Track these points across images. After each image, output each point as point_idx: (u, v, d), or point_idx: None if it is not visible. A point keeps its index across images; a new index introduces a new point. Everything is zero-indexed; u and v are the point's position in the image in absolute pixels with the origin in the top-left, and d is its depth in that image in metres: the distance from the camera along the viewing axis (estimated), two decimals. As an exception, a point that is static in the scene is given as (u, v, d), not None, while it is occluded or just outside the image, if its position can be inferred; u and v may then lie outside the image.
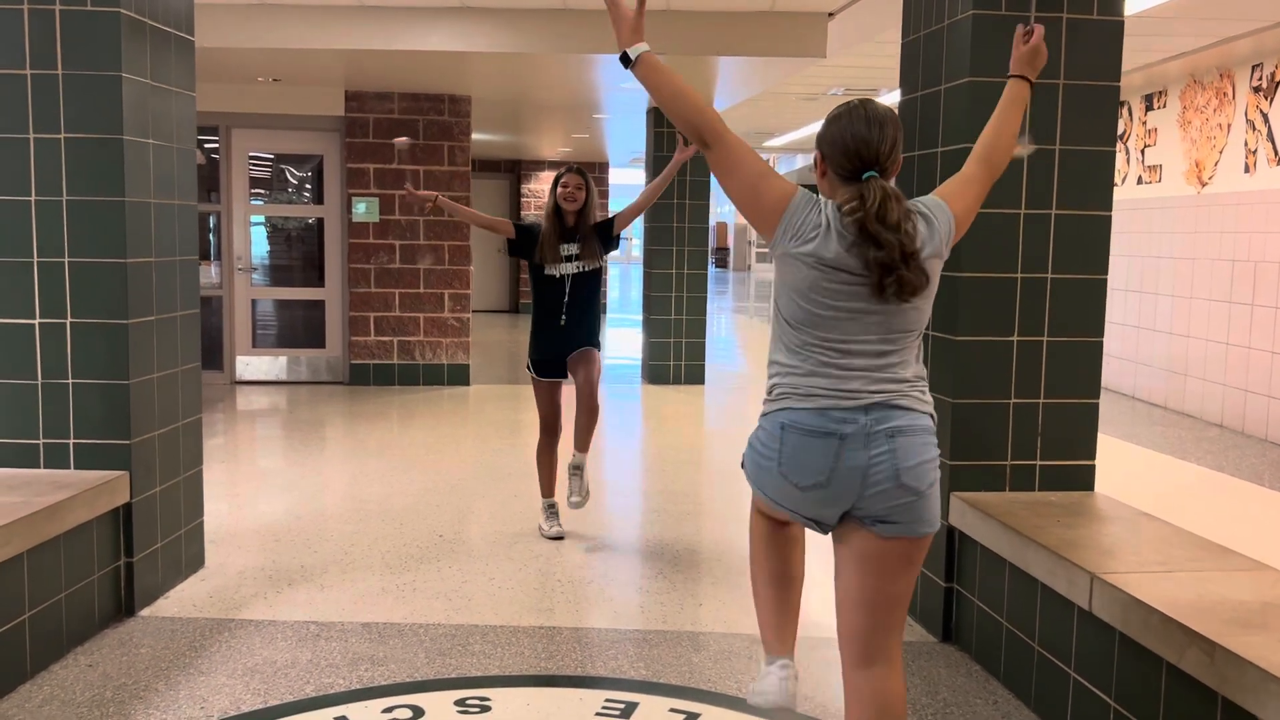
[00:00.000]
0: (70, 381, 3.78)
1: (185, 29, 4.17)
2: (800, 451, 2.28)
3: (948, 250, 2.38)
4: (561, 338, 4.87)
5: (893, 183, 2.31)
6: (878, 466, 2.25)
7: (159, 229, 3.96)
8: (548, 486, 5.06)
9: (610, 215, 5.04)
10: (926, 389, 2.38)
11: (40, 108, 3.68)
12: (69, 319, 3.76)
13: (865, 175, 2.27)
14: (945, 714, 3.20)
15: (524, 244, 4.86)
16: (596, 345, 4.95)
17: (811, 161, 2.45)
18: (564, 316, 4.83)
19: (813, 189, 2.45)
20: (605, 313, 17.29)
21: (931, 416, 2.36)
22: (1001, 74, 3.51)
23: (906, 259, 2.21)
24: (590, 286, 4.90)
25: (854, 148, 2.28)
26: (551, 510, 5.04)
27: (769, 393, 2.39)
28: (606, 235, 4.91)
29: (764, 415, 2.38)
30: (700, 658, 3.59)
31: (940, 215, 2.36)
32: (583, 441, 4.98)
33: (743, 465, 2.46)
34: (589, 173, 4.95)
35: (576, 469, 4.97)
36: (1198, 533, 3.27)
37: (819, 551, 2.69)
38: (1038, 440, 3.68)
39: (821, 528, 2.39)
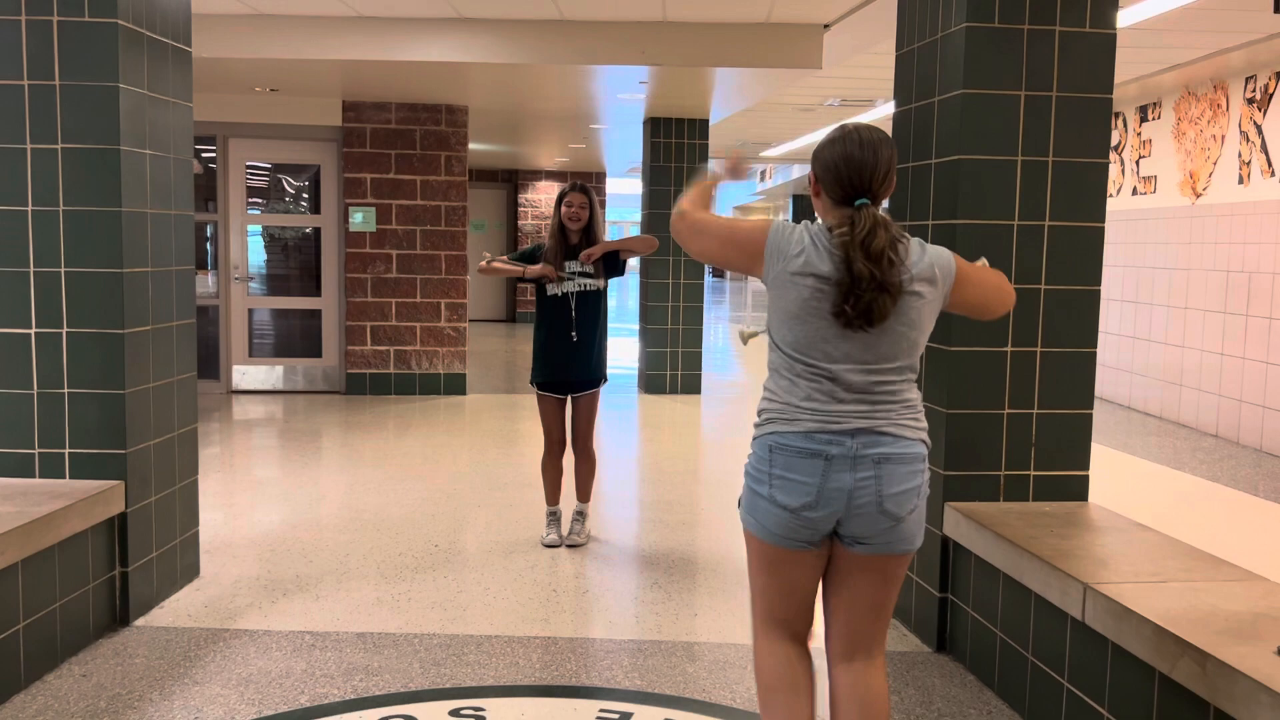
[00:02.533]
0: (66, 391, 3.78)
1: (183, 40, 4.19)
2: (789, 470, 2.32)
3: (943, 296, 2.39)
4: (570, 357, 4.83)
5: (885, 204, 2.34)
6: (862, 490, 2.30)
7: (155, 239, 3.97)
8: (552, 495, 5.08)
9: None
10: (921, 415, 2.40)
11: (37, 118, 3.69)
12: (65, 329, 3.76)
13: (857, 203, 2.32)
14: (939, 724, 3.21)
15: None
16: (602, 379, 4.94)
17: (807, 176, 2.48)
18: (575, 333, 4.80)
19: (806, 197, 2.48)
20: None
21: (924, 443, 2.38)
22: (995, 85, 3.55)
23: (879, 287, 2.24)
24: (595, 305, 4.85)
25: (847, 174, 2.33)
26: (553, 518, 5.06)
27: (758, 416, 2.43)
28: (612, 259, 4.85)
29: (754, 440, 2.43)
30: (695, 668, 3.59)
31: (940, 259, 2.38)
32: (584, 491, 5.09)
33: (739, 504, 2.47)
34: (589, 184, 4.95)
35: (580, 514, 5.09)
36: (1192, 543, 3.28)
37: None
38: (1031, 450, 3.69)
39: (813, 547, 2.42)
